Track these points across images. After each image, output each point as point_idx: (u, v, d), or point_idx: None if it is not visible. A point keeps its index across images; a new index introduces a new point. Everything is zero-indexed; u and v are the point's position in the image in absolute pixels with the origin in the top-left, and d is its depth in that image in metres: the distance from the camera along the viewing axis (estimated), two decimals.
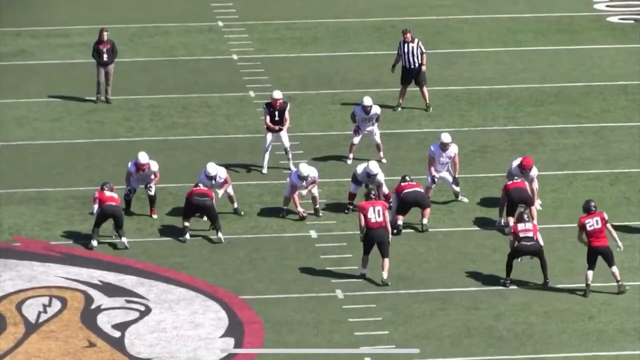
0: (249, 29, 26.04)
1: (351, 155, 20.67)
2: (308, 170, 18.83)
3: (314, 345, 15.29)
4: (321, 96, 22.84)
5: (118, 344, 14.99)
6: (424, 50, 21.91)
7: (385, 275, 16.53)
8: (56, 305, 15.94)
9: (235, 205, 19.01)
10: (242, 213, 18.85)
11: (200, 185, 18.19)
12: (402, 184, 18.36)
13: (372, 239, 16.63)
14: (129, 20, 26.23)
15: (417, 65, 21.69)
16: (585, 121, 21.79)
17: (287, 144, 20.63)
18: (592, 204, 17.83)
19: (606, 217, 17.00)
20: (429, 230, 18.38)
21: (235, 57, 24.68)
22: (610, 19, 26.42)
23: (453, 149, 19.03)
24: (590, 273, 16.69)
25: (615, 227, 17.99)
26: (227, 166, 19.98)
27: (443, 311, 15.82)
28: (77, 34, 23.94)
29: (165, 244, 17.82)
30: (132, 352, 14.76)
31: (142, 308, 15.87)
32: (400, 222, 18.21)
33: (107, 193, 18.40)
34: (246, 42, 25.43)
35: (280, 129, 20.35)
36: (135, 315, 15.81)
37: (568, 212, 18.66)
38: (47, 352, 14.79)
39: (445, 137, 18.98)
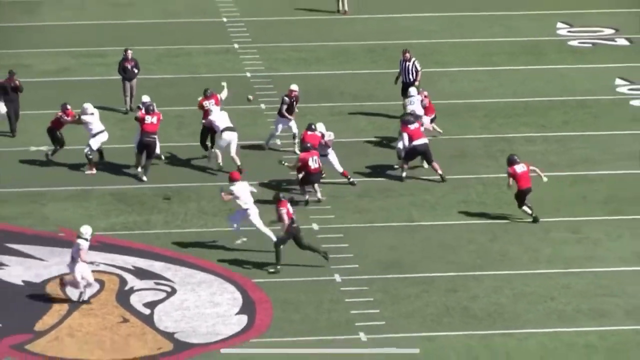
0: (260, 51, 25.86)
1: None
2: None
3: (315, 321, 15.09)
4: (322, 108, 22.68)
5: (148, 320, 14.97)
6: (418, 69, 21.70)
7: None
8: (95, 287, 15.78)
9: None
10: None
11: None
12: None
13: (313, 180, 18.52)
14: (158, 43, 26.13)
15: (412, 80, 21.58)
16: (549, 131, 21.71)
17: (295, 130, 20.76)
18: (515, 156, 18.36)
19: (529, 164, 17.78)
20: (414, 223, 18.15)
21: (248, 74, 24.55)
22: (570, 43, 26.26)
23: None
24: (526, 207, 17.91)
25: (573, 222, 18.16)
26: (239, 167, 19.83)
27: (426, 293, 15.74)
28: (112, 55, 23.84)
29: (189, 235, 17.73)
30: (160, 327, 14.75)
31: (169, 289, 15.80)
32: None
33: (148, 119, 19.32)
34: (258, 62, 25.25)
35: (290, 119, 20.61)
36: (162, 295, 15.74)
37: (535, 208, 18.41)
38: (87, 327, 14.76)
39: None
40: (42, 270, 16.40)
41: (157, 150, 19.67)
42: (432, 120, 21.21)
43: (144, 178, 19.30)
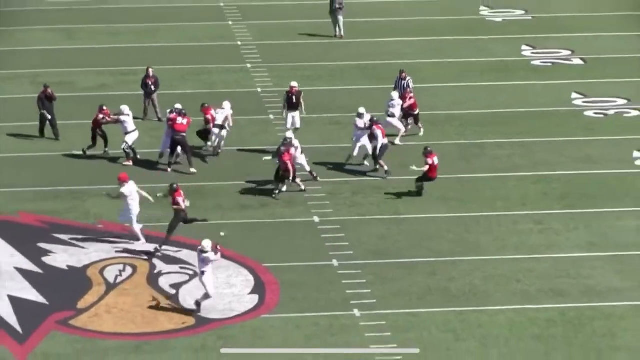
0: (269, 69, 25.69)
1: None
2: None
3: (317, 300, 14.96)
4: (322, 118, 22.64)
5: (174, 299, 14.95)
6: (410, 86, 21.55)
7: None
8: (129, 270, 15.79)
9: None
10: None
11: None
12: None
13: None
14: (182, 63, 26.01)
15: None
16: (515, 137, 21.58)
17: (298, 125, 20.72)
18: (429, 148, 18.28)
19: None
20: (401, 216, 17.98)
21: (259, 89, 24.38)
22: (533, 62, 26.16)
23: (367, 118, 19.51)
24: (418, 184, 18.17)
25: (535, 215, 17.92)
26: (251, 170, 19.77)
27: (410, 276, 15.65)
28: (142, 73, 23.41)
29: (208, 226, 17.32)
30: (184, 305, 14.71)
31: (192, 272, 15.65)
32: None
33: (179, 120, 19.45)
34: (267, 79, 25.09)
35: (296, 109, 20.59)
36: (186, 278, 15.65)
37: (503, 204, 18.44)
38: (122, 305, 14.71)
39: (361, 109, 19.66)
40: (83, 256, 16.29)
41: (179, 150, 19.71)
42: (416, 117, 21.28)
43: (169, 170, 19.46)
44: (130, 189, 16.50)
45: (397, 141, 20.76)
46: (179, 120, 19.41)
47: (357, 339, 13.64)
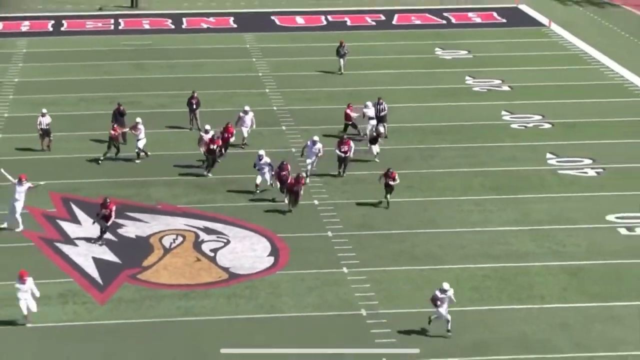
0: (282, 94, 25.14)
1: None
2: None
3: (316, 260, 14.71)
4: (320, 129, 21.83)
5: (212, 260, 14.83)
6: (386, 108, 21.14)
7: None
8: (179, 239, 15.64)
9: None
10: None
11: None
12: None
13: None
14: (218, 88, 25.52)
15: (382, 114, 21.04)
16: (461, 143, 21.25)
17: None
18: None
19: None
20: (378, 200, 17.37)
21: (275, 108, 24.01)
22: (474, 89, 25.74)
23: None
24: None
25: (475, 200, 17.66)
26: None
27: (385, 243, 15.50)
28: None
29: (236, 208, 17.28)
30: (220, 264, 14.63)
31: (225, 241, 15.56)
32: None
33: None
34: (280, 101, 24.63)
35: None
36: (221, 244, 15.48)
37: (451, 192, 18.07)
38: (174, 264, 14.63)
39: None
40: (147, 229, 16.16)
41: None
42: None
43: (209, 175, 18.79)
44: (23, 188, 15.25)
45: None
46: (211, 145, 18.50)
47: (345, 289, 13.62)
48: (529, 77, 26.69)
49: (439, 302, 11.69)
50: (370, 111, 20.90)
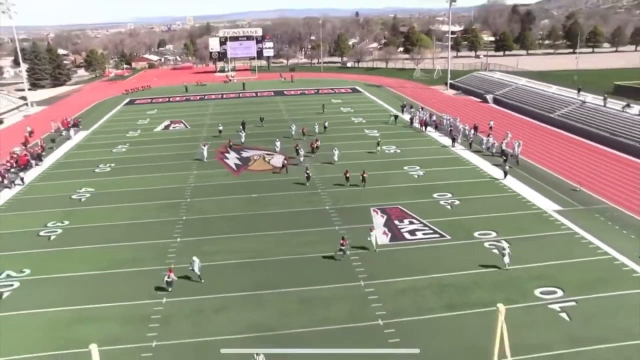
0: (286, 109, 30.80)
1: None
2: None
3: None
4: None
5: (277, 164, 23.71)
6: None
7: None
8: (259, 157, 25.10)
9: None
10: None
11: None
12: None
13: None
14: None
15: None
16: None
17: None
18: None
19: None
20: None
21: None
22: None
23: None
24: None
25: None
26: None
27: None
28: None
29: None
30: (274, 164, 23.32)
31: (270, 155, 26.17)
32: None
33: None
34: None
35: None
36: (271, 157, 25.02)
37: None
38: (258, 164, 23.35)
39: None
40: (246, 155, 24.70)
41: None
42: None
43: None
44: None
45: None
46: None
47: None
48: None
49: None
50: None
